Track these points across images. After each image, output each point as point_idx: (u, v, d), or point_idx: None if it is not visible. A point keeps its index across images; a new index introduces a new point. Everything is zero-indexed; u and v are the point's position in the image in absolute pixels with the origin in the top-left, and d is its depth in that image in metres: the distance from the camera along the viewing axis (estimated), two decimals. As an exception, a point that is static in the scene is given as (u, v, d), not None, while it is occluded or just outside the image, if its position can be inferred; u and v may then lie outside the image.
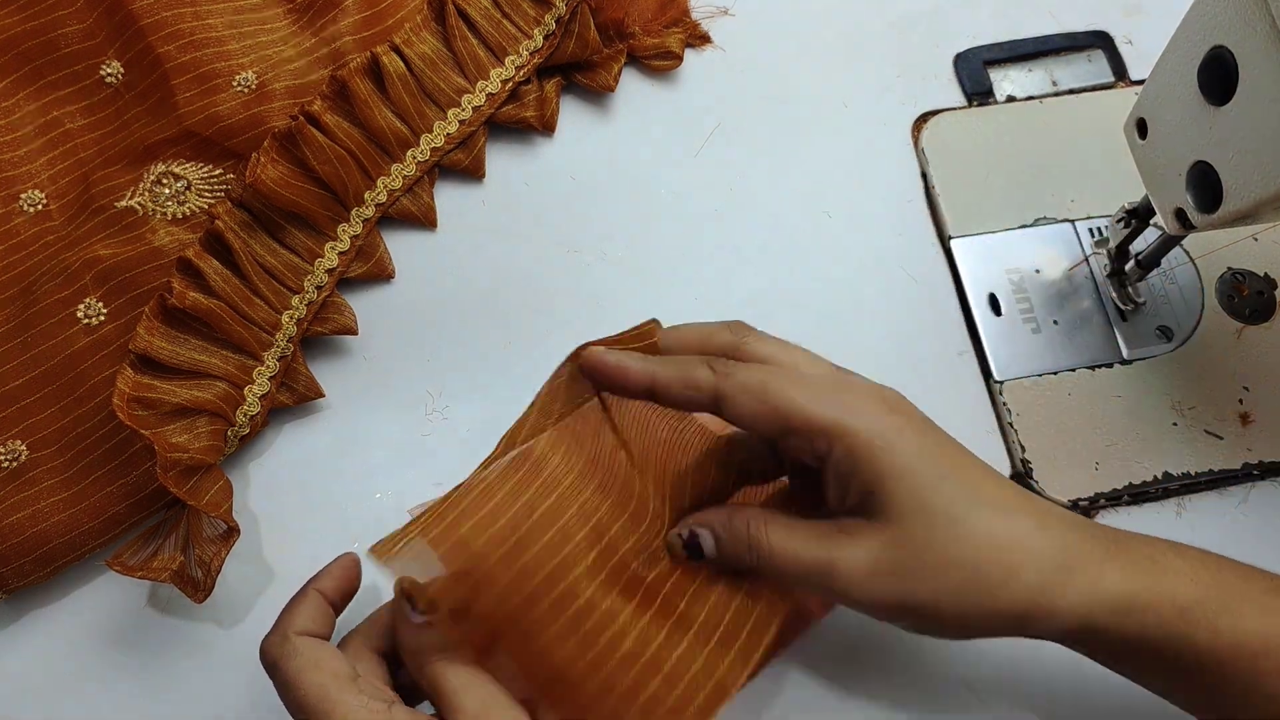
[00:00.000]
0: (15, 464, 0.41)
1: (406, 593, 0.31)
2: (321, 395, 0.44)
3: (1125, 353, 0.45)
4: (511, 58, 0.49)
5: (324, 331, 0.45)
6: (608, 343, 0.35)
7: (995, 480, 0.33)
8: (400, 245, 0.48)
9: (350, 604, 0.37)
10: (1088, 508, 0.43)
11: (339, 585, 0.35)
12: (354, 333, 0.46)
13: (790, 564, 0.32)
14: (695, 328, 0.36)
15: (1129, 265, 0.45)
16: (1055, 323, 0.46)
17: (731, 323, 0.35)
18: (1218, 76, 0.33)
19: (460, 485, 0.35)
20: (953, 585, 0.31)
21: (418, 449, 0.44)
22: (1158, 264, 0.44)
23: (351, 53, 0.48)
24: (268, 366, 0.43)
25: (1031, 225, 0.48)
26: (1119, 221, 0.44)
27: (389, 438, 0.44)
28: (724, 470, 0.36)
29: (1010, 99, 0.51)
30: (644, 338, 0.35)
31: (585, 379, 0.35)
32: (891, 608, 0.32)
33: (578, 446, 0.35)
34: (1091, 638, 0.32)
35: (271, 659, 0.32)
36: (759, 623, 0.34)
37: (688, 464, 0.36)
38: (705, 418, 0.36)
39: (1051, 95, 0.51)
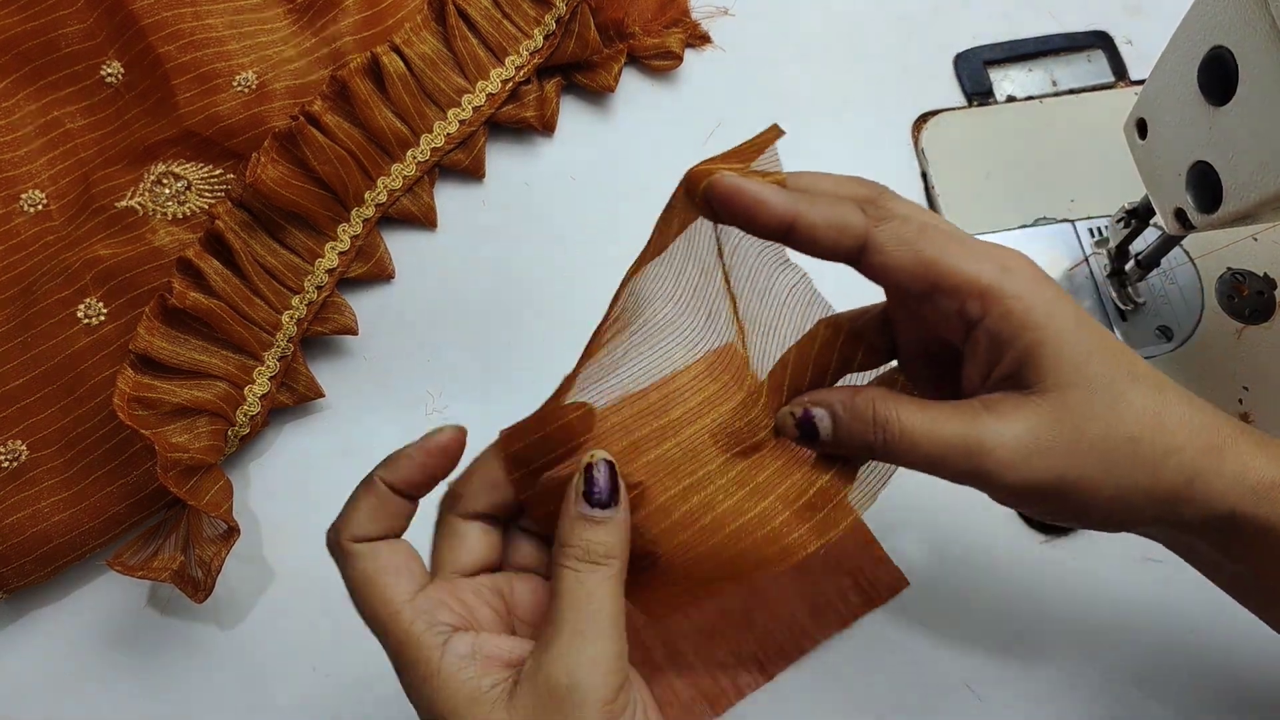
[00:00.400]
0: (16, 464, 0.41)
1: (600, 475, 0.28)
2: (321, 395, 0.44)
3: (1125, 353, 0.45)
4: (511, 58, 0.49)
5: (324, 331, 0.45)
6: (722, 161, 0.30)
7: (1140, 359, 0.31)
8: (400, 245, 0.48)
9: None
10: (1088, 507, 0.43)
11: (422, 470, 0.30)
12: (354, 333, 0.46)
13: (928, 444, 0.28)
14: (826, 175, 0.31)
15: (1129, 265, 0.45)
16: (1055, 323, 0.46)
17: (863, 179, 0.31)
18: (1218, 76, 0.33)
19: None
20: (1114, 460, 0.29)
21: (418, 449, 0.44)
22: (1157, 264, 0.44)
23: (352, 53, 0.48)
24: (268, 366, 0.43)
25: (1031, 225, 0.48)
26: (1119, 221, 0.44)
27: (389, 438, 0.44)
28: (831, 341, 0.32)
29: (1010, 99, 0.51)
30: (763, 146, 0.30)
31: (703, 208, 0.29)
32: (1047, 489, 0.29)
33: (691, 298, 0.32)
34: (1234, 524, 0.30)
35: (334, 560, 0.29)
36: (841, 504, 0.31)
37: (794, 331, 0.32)
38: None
39: (1051, 95, 0.51)
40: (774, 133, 0.30)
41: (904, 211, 0.30)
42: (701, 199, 0.29)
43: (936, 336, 0.31)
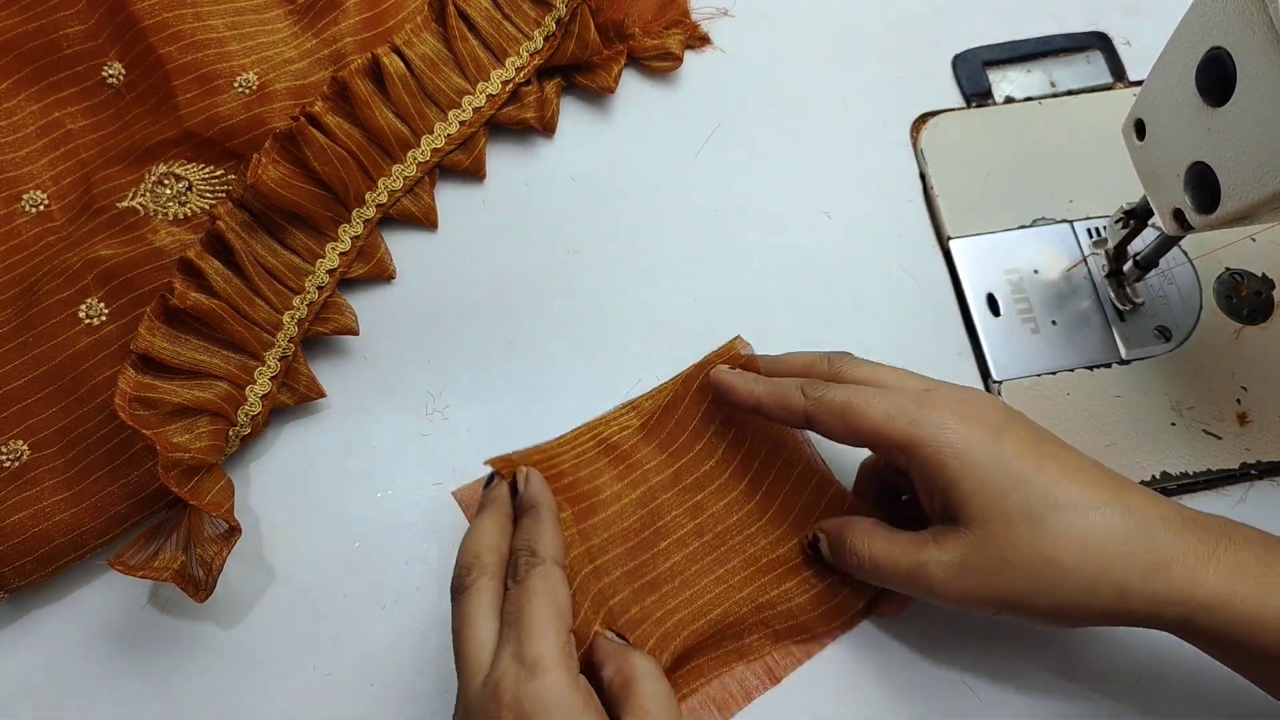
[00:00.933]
0: (17, 464, 0.41)
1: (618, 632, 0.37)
2: (322, 395, 0.44)
3: (1124, 353, 0.45)
4: (511, 59, 0.49)
5: (325, 332, 0.45)
6: (711, 361, 0.42)
7: (1083, 477, 0.34)
8: (401, 246, 0.48)
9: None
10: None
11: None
12: (355, 333, 0.46)
13: (889, 568, 0.36)
14: (801, 355, 0.40)
15: (1127, 266, 0.45)
16: (1054, 323, 0.46)
17: (833, 352, 0.39)
18: (1216, 77, 0.33)
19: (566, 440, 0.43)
20: (1040, 582, 0.32)
21: (418, 449, 0.44)
22: (1156, 264, 0.45)
23: (352, 54, 0.48)
24: (269, 366, 0.43)
25: (1030, 226, 0.48)
26: (1117, 222, 0.44)
27: (389, 438, 0.44)
28: (867, 486, 0.41)
29: (1009, 100, 0.51)
30: (731, 353, 0.42)
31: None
32: (985, 603, 0.34)
33: (662, 448, 0.42)
34: (1191, 632, 0.32)
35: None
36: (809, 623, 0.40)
37: (810, 477, 0.41)
38: None
39: (1050, 96, 0.51)
40: (739, 342, 0.42)
41: (859, 376, 0.37)
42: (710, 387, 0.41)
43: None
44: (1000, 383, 0.45)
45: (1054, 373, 0.45)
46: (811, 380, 0.37)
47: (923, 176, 0.50)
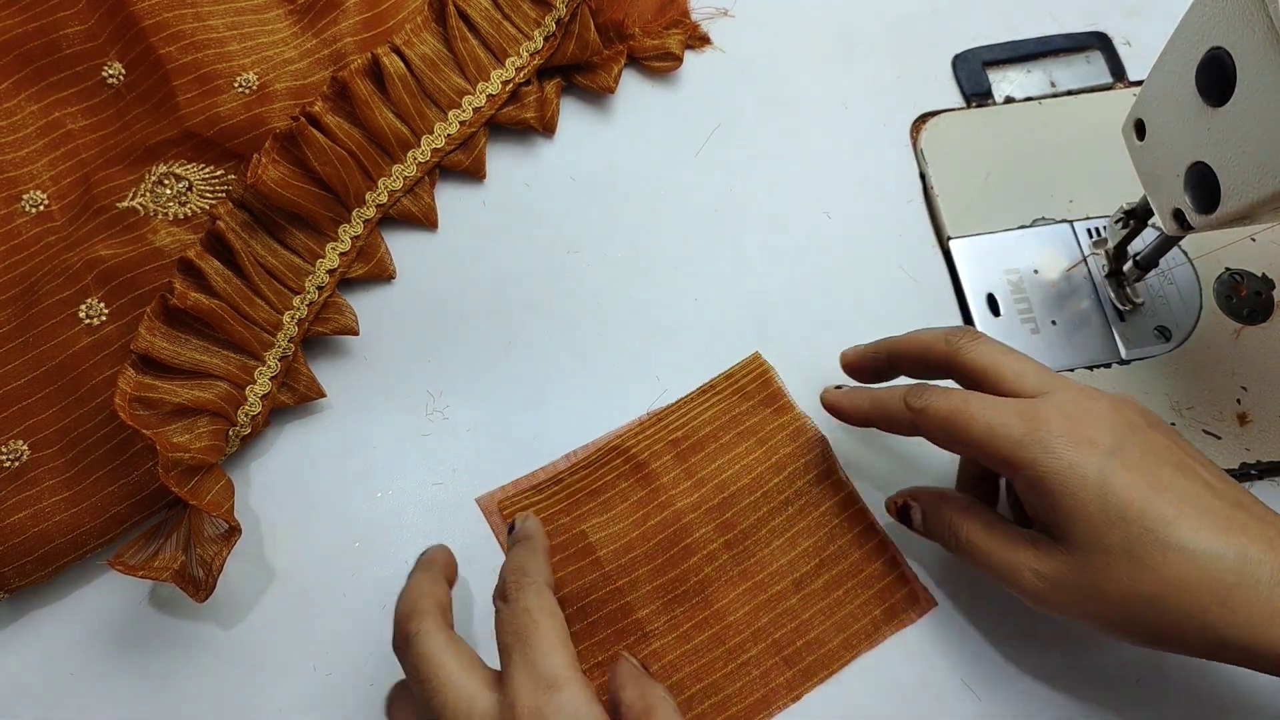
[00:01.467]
0: (17, 464, 0.41)
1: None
2: (322, 395, 0.44)
3: (1124, 353, 0.45)
4: (511, 59, 0.49)
5: (325, 332, 0.45)
6: (735, 376, 0.45)
7: (1197, 513, 0.32)
8: (401, 246, 0.48)
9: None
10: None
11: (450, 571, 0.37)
12: (355, 333, 0.46)
13: (983, 559, 0.35)
14: (917, 340, 0.39)
15: (1127, 266, 0.45)
16: (1054, 323, 0.46)
17: (951, 331, 0.38)
18: (1216, 77, 0.33)
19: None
20: (1137, 617, 0.32)
21: (418, 449, 0.44)
22: (1156, 264, 0.45)
23: (352, 54, 0.48)
24: (269, 366, 0.43)
25: (1030, 226, 0.48)
26: (1117, 222, 0.44)
27: (389, 438, 0.44)
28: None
29: (1009, 100, 0.51)
30: (755, 368, 0.45)
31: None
32: (1077, 619, 0.34)
33: (689, 474, 0.43)
34: None
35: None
36: (827, 656, 0.40)
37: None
38: None
39: (1050, 96, 0.51)
40: (757, 358, 0.45)
41: (978, 364, 0.36)
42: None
43: None
44: (1000, 383, 0.45)
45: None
46: (915, 390, 0.36)
47: (923, 176, 0.50)
